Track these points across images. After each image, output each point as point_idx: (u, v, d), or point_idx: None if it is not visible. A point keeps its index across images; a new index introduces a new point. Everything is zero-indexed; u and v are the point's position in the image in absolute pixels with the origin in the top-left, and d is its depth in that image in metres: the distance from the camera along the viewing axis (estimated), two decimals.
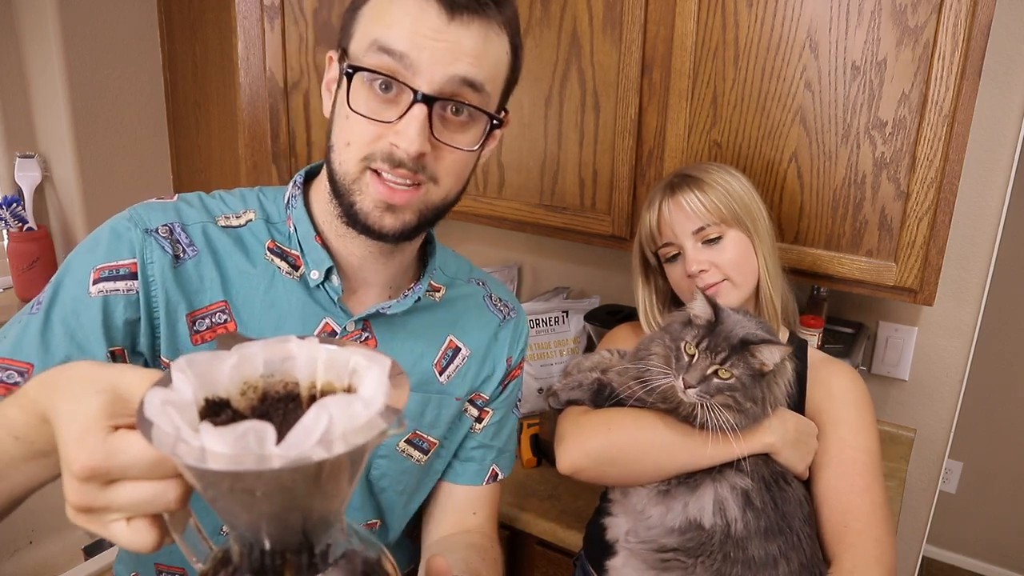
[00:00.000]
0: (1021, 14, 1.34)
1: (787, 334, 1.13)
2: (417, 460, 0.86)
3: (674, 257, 1.08)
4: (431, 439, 0.86)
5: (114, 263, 0.71)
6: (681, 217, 1.05)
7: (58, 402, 0.40)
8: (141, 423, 0.33)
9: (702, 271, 1.04)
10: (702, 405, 0.89)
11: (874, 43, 1.14)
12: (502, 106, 0.74)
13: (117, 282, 0.70)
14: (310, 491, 0.33)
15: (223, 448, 0.30)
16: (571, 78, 1.42)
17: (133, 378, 0.40)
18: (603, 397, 1.04)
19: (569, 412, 1.07)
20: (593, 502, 1.19)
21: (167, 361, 0.74)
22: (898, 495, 1.44)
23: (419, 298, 0.81)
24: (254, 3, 1.34)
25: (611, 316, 1.62)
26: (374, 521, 0.87)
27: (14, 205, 1.69)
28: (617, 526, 1.01)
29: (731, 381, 0.89)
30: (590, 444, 0.99)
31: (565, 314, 1.77)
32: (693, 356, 0.91)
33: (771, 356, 0.90)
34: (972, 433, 2.56)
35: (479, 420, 0.93)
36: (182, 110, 1.76)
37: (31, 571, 1.45)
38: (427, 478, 0.90)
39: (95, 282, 0.70)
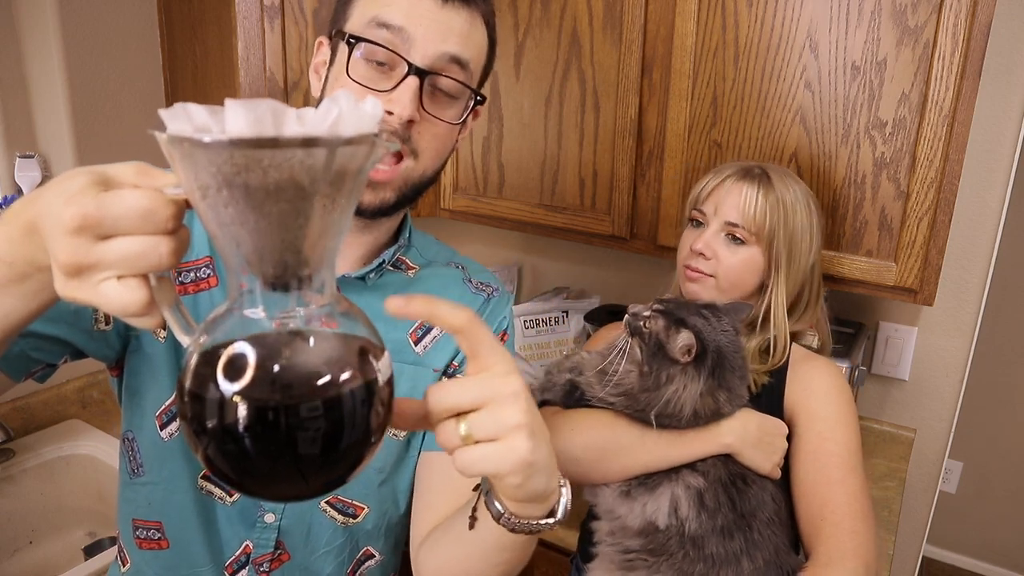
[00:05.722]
0: (1021, 14, 1.34)
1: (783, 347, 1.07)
2: (394, 434, 0.84)
3: (697, 224, 1.09)
4: None
5: None
6: (730, 202, 1.04)
7: (45, 196, 0.39)
8: (155, 130, 0.35)
9: (702, 255, 1.04)
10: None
11: (874, 43, 1.14)
12: (479, 89, 0.81)
13: None
14: (316, 190, 0.35)
15: (242, 124, 0.33)
16: (571, 78, 1.42)
17: (119, 164, 0.40)
18: (573, 399, 1.04)
19: (541, 412, 1.07)
20: None
21: None
22: (898, 495, 1.43)
23: (384, 261, 0.82)
24: (254, 3, 1.34)
25: (611, 316, 1.62)
26: (361, 506, 0.85)
27: None
28: (600, 528, 1.02)
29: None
30: (554, 444, 0.99)
31: (565, 314, 1.77)
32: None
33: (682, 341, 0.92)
34: (972, 433, 2.56)
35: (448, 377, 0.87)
36: None
37: (31, 571, 1.45)
38: (407, 455, 0.87)
39: None
